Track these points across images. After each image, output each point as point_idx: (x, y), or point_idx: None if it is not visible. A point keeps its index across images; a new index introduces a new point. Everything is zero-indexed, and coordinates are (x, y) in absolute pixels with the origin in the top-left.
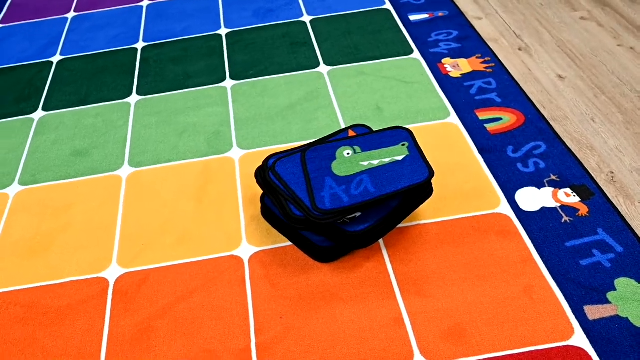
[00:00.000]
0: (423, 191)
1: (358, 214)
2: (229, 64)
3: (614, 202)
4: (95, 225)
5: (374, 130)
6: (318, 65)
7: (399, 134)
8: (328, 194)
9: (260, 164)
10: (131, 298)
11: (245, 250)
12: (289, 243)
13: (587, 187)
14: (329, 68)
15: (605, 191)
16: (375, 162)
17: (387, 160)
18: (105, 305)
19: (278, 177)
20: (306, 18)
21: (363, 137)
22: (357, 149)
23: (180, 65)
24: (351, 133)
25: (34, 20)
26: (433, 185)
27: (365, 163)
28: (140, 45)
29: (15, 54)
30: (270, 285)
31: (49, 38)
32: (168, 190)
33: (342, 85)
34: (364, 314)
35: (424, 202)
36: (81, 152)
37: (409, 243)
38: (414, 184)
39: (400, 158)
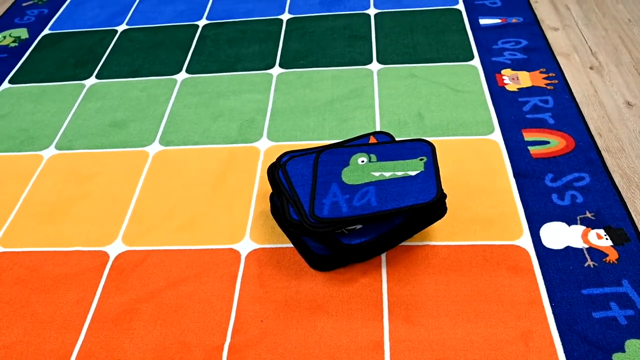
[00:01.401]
0: (430, 211)
1: (359, 226)
2: (281, 51)
3: None
4: (112, 198)
5: (396, 139)
6: (370, 62)
7: (420, 147)
8: (329, 202)
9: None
10: (125, 277)
11: (246, 246)
12: (291, 245)
13: (624, 231)
14: (381, 66)
15: None
16: (387, 174)
17: (399, 173)
18: (99, 280)
19: (286, 176)
20: (372, 11)
21: (382, 145)
22: (373, 157)
23: (234, 47)
24: (372, 140)
25: None
26: (455, 205)
27: (377, 174)
28: (202, 22)
29: (87, 19)
30: (260, 285)
31: (120, 6)
32: (188, 173)
33: (389, 86)
34: (345, 332)
35: (435, 222)
36: (119, 123)
37: (412, 263)
38: (417, 204)
39: (413, 173)
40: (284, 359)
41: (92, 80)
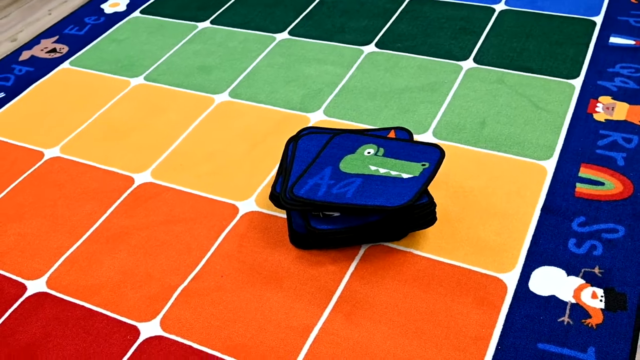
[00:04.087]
0: (408, 217)
1: (336, 214)
2: (385, 31)
3: None
4: (164, 133)
5: (413, 140)
6: (466, 59)
7: (430, 153)
8: (312, 183)
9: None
10: (136, 204)
11: (247, 206)
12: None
13: (625, 298)
14: (473, 65)
15: None
16: (382, 171)
17: (394, 173)
18: (115, 202)
19: (294, 150)
20: (499, 6)
21: (397, 142)
22: (381, 151)
23: (345, 18)
24: (392, 134)
25: None
26: (462, 222)
27: (374, 168)
28: None
29: None
30: (239, 244)
31: None
32: (237, 127)
33: (470, 86)
34: (286, 309)
35: (420, 229)
36: (206, 68)
37: (384, 265)
38: (384, 206)
39: (406, 176)
40: (219, 315)
41: (206, 24)
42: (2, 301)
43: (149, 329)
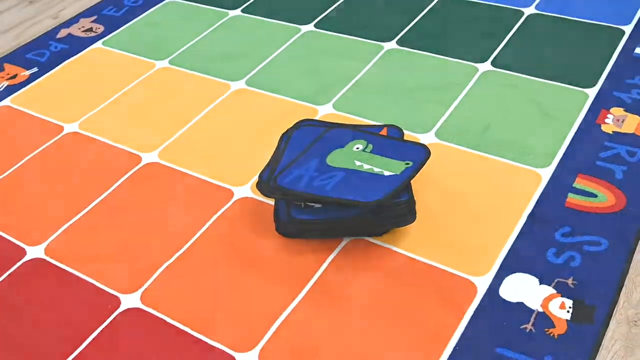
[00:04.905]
0: (387, 213)
1: (318, 206)
2: (410, 28)
3: (604, 342)
4: (177, 116)
5: (403, 139)
6: (484, 61)
7: (417, 152)
8: (296, 174)
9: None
10: (138, 182)
11: (242, 192)
12: None
13: (593, 311)
14: (490, 68)
15: (608, 328)
16: (366, 167)
17: (376, 170)
18: (120, 178)
19: (287, 140)
20: (529, 10)
21: (386, 139)
22: (370, 147)
23: (373, 13)
24: (384, 131)
25: None
26: (445, 223)
27: (359, 163)
28: None
29: None
30: (228, 228)
31: None
32: (248, 115)
33: (481, 90)
34: (256, 294)
35: (398, 226)
36: (228, 55)
37: (361, 259)
38: (357, 201)
39: (387, 173)
40: (196, 293)
41: (237, 12)
42: (1, 262)
43: (130, 300)
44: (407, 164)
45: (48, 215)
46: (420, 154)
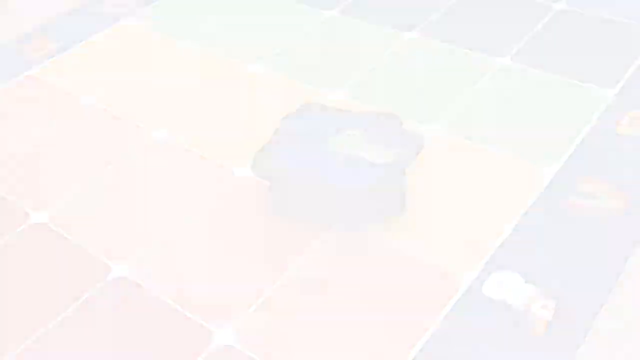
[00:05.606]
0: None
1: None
2: (440, 19)
3: (586, 343)
4: (193, 97)
5: (400, 126)
6: (504, 56)
7: (410, 142)
8: (287, 154)
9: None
10: (146, 159)
11: (242, 171)
12: None
13: (576, 314)
14: (509, 63)
15: (592, 329)
16: (358, 153)
17: (368, 157)
18: (124, 153)
19: (287, 123)
20: (559, 5)
21: (382, 127)
22: (364, 134)
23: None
24: (381, 119)
25: None
26: (439, 216)
27: (350, 149)
28: None
29: None
30: (223, 206)
31: None
32: (268, 100)
33: (499, 84)
34: (242, 273)
35: (386, 215)
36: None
37: (347, 247)
38: (343, 186)
39: (379, 161)
40: (180, 267)
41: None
42: (6, 225)
43: (119, 270)
44: (399, 153)
45: (54, 185)
46: (413, 144)
